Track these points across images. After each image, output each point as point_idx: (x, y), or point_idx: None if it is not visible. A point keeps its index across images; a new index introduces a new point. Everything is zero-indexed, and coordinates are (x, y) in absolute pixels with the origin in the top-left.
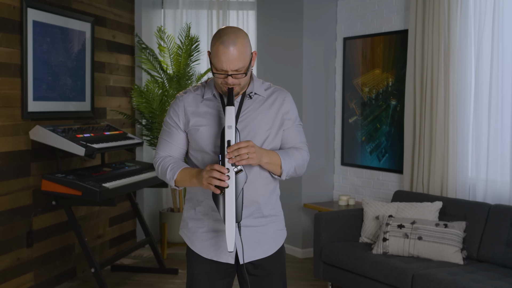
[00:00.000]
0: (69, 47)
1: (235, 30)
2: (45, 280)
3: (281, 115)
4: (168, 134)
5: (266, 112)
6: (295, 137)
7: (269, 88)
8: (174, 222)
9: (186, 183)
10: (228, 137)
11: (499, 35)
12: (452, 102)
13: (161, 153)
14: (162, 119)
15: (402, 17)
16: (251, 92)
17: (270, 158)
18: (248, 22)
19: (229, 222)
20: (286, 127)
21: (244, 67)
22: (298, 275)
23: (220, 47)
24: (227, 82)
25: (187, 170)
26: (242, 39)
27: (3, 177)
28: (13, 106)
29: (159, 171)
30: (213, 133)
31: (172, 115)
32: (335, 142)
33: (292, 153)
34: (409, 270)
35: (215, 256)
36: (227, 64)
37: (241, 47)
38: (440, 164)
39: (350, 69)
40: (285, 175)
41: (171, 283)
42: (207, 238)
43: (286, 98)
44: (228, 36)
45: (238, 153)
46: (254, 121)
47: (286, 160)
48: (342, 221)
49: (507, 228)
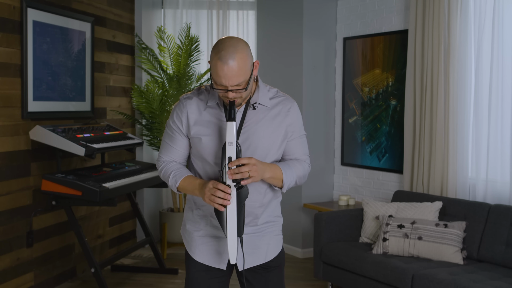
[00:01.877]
0: (69, 47)
1: (233, 43)
2: (45, 280)
3: (285, 127)
4: (171, 139)
5: (270, 123)
6: (298, 149)
7: (275, 97)
8: (174, 222)
9: (188, 192)
10: (229, 153)
11: (499, 35)
12: (452, 102)
13: (164, 157)
14: (162, 119)
15: (402, 17)
16: (255, 103)
17: (272, 173)
18: (248, 22)
19: (231, 236)
20: (289, 139)
21: (245, 81)
22: (298, 275)
23: (218, 63)
24: (227, 97)
25: (190, 179)
26: (241, 53)
27: (3, 177)
28: (13, 106)
29: (162, 175)
30: (215, 144)
31: (175, 120)
32: (335, 142)
33: (294, 166)
34: (409, 270)
35: (210, 261)
36: (226, 80)
37: (240, 62)
38: (440, 164)
39: (350, 69)
40: (286, 188)
41: (171, 283)
42: (203, 242)
43: (291, 108)
44: (226, 51)
45: (239, 171)
46: (257, 133)
47: (288, 174)
48: (342, 221)
49: (507, 228)
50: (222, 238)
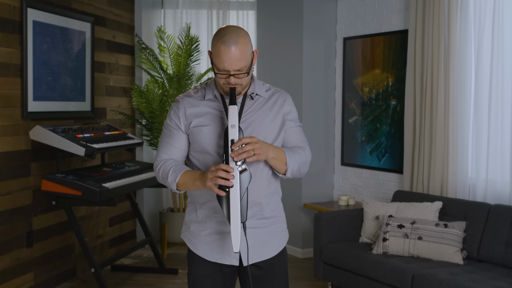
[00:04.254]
0: (69, 47)
1: (236, 29)
2: (45, 280)
3: (282, 116)
4: (169, 136)
5: (268, 113)
6: (296, 137)
7: (270, 90)
8: (174, 222)
9: (189, 186)
10: (231, 136)
11: (499, 35)
12: (452, 102)
13: (162, 155)
14: (162, 119)
15: (402, 17)
16: (252, 93)
17: (276, 153)
18: (248, 22)
19: (234, 222)
20: (287, 127)
21: (246, 66)
22: (298, 275)
23: (221, 47)
24: (229, 82)
25: (190, 172)
26: (243, 38)
27: (3, 177)
28: (13, 106)
29: (160, 174)
30: (215, 134)
31: (172, 117)
32: (335, 142)
33: (296, 151)
34: (409, 270)
35: (219, 258)
36: (229, 64)
37: (243, 47)
38: (440, 164)
39: (350, 69)
40: (290, 172)
41: (171, 283)
42: (211, 240)
43: (286, 99)
44: (230, 35)
45: (243, 150)
46: (256, 122)
47: (291, 157)
48: (342, 221)
49: (507, 228)
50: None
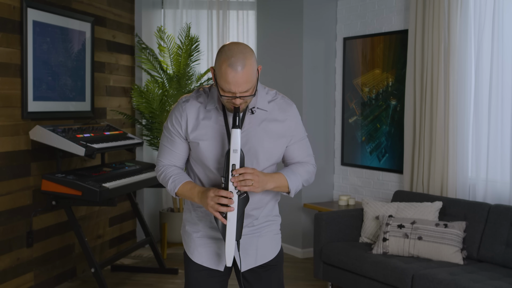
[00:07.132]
0: (69, 47)
1: (242, 49)
2: (45, 280)
3: (284, 131)
4: (170, 142)
5: (268, 128)
6: (300, 152)
7: (273, 100)
8: (174, 222)
9: (186, 198)
10: (233, 161)
11: (499, 35)
12: (452, 102)
13: (164, 160)
14: (162, 119)
15: (402, 17)
16: (253, 107)
17: (276, 183)
18: (248, 22)
19: (229, 241)
20: (290, 143)
21: (253, 87)
22: (298, 275)
23: (228, 70)
24: (234, 103)
25: (189, 186)
26: (249, 59)
27: (3, 177)
28: (13, 106)
29: (161, 180)
30: (213, 149)
31: (174, 124)
32: (335, 142)
33: (297, 170)
34: (409, 270)
35: (208, 263)
36: (235, 87)
37: (249, 68)
38: (440, 164)
39: (350, 69)
40: (293, 193)
41: (171, 283)
42: (202, 243)
43: (289, 112)
44: (236, 57)
45: (244, 178)
46: (256, 137)
47: (293, 179)
48: (342, 221)
49: (507, 228)
50: (221, 240)
